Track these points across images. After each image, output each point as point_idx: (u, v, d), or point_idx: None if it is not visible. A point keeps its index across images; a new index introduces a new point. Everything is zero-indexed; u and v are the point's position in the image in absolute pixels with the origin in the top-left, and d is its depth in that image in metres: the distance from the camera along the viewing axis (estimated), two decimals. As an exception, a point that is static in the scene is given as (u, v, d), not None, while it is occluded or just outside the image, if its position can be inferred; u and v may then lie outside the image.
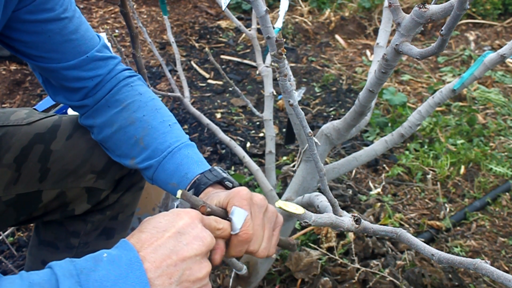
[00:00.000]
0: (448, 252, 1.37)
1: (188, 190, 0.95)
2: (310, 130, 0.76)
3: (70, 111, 1.64)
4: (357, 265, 1.67)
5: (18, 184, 1.07)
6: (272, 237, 0.87)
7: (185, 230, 0.70)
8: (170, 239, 0.68)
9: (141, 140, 1.01)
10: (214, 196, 0.88)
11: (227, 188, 0.96)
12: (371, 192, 2.17)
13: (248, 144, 2.45)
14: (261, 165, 2.17)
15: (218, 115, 2.69)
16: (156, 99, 1.07)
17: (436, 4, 0.69)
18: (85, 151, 1.10)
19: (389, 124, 2.56)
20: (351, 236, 1.82)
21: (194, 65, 3.17)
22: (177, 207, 0.78)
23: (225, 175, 0.96)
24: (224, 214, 0.83)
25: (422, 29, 0.77)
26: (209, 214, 0.81)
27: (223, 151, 2.39)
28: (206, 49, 1.70)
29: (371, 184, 2.23)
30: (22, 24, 0.93)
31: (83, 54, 1.01)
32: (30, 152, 1.07)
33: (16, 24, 0.93)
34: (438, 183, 2.22)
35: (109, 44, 1.77)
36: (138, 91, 1.06)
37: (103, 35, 1.75)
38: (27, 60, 1.00)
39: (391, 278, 1.63)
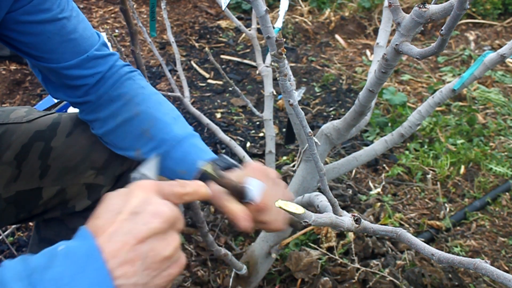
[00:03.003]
0: (448, 252, 1.37)
1: (198, 178, 0.96)
2: (310, 130, 0.76)
3: (70, 111, 1.64)
4: (357, 265, 1.67)
5: (19, 181, 1.07)
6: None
7: (141, 208, 0.62)
8: (125, 222, 0.61)
9: (148, 131, 1.02)
10: (229, 174, 0.90)
11: None
12: (371, 192, 2.17)
13: (248, 144, 2.45)
14: (261, 165, 2.17)
15: (218, 115, 2.69)
16: (158, 94, 1.10)
17: (436, 4, 0.69)
18: (85, 148, 1.10)
19: (389, 124, 2.56)
20: (351, 236, 1.82)
21: (194, 65, 3.17)
22: (133, 179, 0.71)
23: (235, 162, 0.98)
24: (241, 187, 0.85)
25: (422, 29, 0.77)
26: (225, 184, 0.82)
27: (223, 151, 2.39)
28: (206, 49, 1.70)
29: (371, 184, 2.23)
30: (20, 25, 0.93)
31: (83, 53, 1.02)
32: (31, 150, 1.07)
33: (14, 26, 0.93)
34: (438, 183, 2.22)
35: (108, 44, 1.77)
36: (140, 85, 1.09)
37: (103, 34, 1.75)
38: (29, 59, 1.01)
39: (391, 278, 1.63)
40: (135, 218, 0.61)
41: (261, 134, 2.54)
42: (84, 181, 1.12)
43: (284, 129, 2.54)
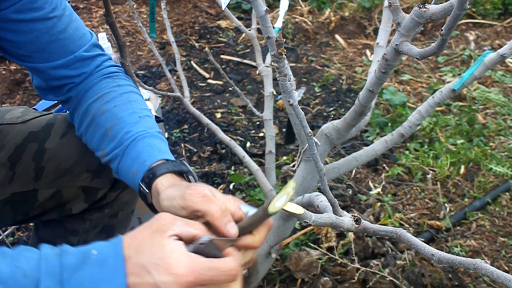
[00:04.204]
0: (448, 252, 1.37)
1: (144, 178, 0.89)
2: (310, 130, 0.76)
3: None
4: (357, 265, 1.67)
5: (13, 182, 1.06)
6: None
7: (165, 285, 0.65)
8: (148, 285, 0.65)
9: (109, 130, 0.97)
10: (165, 197, 0.81)
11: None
12: (371, 192, 2.17)
13: (248, 144, 2.45)
14: (261, 165, 2.17)
15: (218, 115, 2.69)
16: (133, 92, 1.05)
17: (436, 4, 0.69)
18: (80, 150, 1.09)
19: (389, 124, 2.56)
20: (351, 236, 1.82)
21: (194, 65, 3.17)
22: (202, 242, 0.70)
23: (190, 169, 0.91)
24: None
25: (422, 29, 0.77)
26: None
27: (223, 151, 2.39)
28: (206, 49, 1.70)
29: (371, 184, 2.23)
30: (9, 24, 0.92)
31: (71, 53, 1.00)
32: (24, 151, 1.06)
33: (3, 24, 0.92)
34: (438, 183, 2.22)
35: (108, 44, 1.77)
36: (118, 83, 1.05)
37: (103, 35, 1.75)
38: (15, 60, 1.00)
39: (391, 278, 1.63)
40: None
41: (261, 134, 2.54)
42: (80, 184, 1.11)
43: (284, 129, 2.54)
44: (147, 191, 0.88)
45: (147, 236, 0.68)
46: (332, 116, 2.71)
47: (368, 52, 3.39)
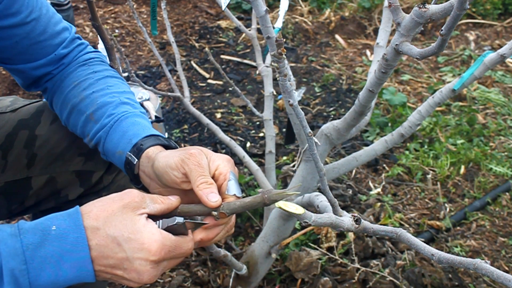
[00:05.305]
0: (448, 252, 1.37)
1: (132, 149, 0.92)
2: (310, 130, 0.76)
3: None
4: (357, 265, 1.67)
5: (6, 171, 1.06)
6: None
7: (129, 261, 0.70)
8: (117, 259, 0.70)
9: (92, 115, 0.98)
10: (161, 157, 0.84)
11: None
12: (371, 192, 2.17)
13: (248, 144, 2.45)
14: (261, 165, 2.17)
15: (218, 115, 2.69)
16: (109, 77, 1.05)
17: (436, 4, 0.69)
18: (70, 134, 1.09)
19: (389, 124, 2.56)
20: (351, 236, 1.82)
21: (194, 65, 3.17)
22: (176, 223, 0.77)
23: (177, 146, 0.94)
24: (201, 207, 0.81)
25: (422, 29, 0.77)
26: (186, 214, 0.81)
27: (223, 151, 2.39)
28: (206, 49, 1.70)
29: (371, 184, 2.23)
30: None
31: (51, 53, 1.02)
32: (15, 139, 1.07)
33: None
34: (438, 183, 2.22)
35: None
36: (93, 69, 1.06)
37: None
38: None
39: (391, 278, 1.63)
40: (124, 263, 0.70)
41: (261, 134, 2.54)
42: (73, 168, 1.11)
43: (284, 129, 2.54)
44: (136, 159, 0.90)
45: (118, 210, 0.72)
46: (332, 116, 2.71)
47: (368, 52, 3.39)
